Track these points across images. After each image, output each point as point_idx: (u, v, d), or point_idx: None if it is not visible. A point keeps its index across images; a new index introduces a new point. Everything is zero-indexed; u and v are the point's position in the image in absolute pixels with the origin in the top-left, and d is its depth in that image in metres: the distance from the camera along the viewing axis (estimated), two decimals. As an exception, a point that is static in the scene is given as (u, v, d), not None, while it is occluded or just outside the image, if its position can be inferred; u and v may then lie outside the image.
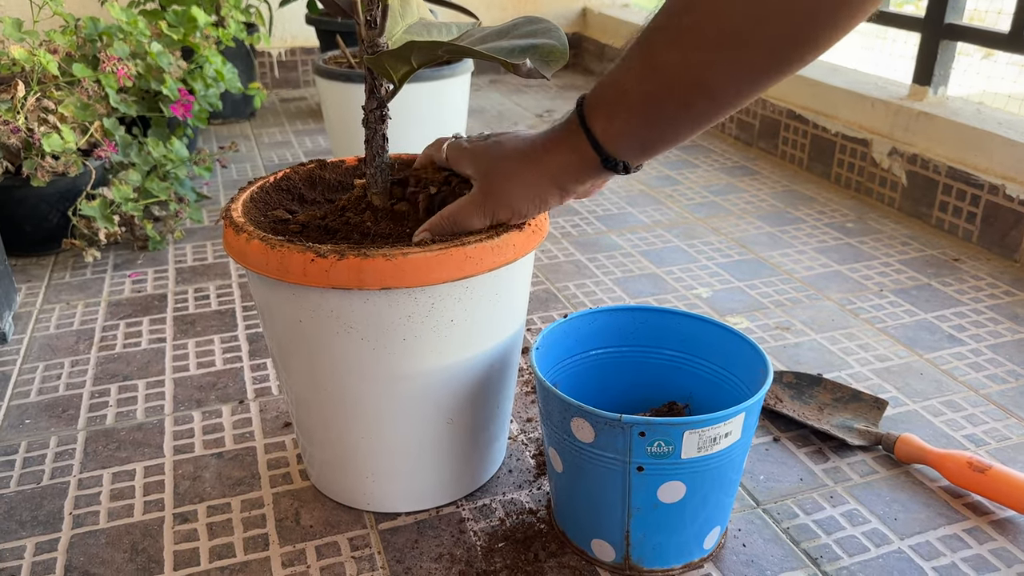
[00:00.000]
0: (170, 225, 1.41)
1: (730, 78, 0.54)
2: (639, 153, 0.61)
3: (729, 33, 0.52)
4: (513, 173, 0.66)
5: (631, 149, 0.61)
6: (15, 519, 0.79)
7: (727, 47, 0.53)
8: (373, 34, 0.68)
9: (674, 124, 0.58)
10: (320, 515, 0.79)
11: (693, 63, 0.54)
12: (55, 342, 1.10)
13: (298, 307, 0.67)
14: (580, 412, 0.65)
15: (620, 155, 0.61)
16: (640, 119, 0.58)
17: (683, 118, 0.57)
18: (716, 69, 0.54)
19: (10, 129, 1.25)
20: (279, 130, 2.10)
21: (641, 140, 0.60)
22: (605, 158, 0.61)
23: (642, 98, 0.57)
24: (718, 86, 0.55)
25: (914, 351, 1.07)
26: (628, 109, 0.59)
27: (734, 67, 0.53)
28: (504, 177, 0.66)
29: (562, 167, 0.64)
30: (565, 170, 0.64)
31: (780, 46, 0.52)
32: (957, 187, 1.43)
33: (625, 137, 0.60)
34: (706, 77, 0.54)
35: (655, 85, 0.56)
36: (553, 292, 1.24)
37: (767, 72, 0.54)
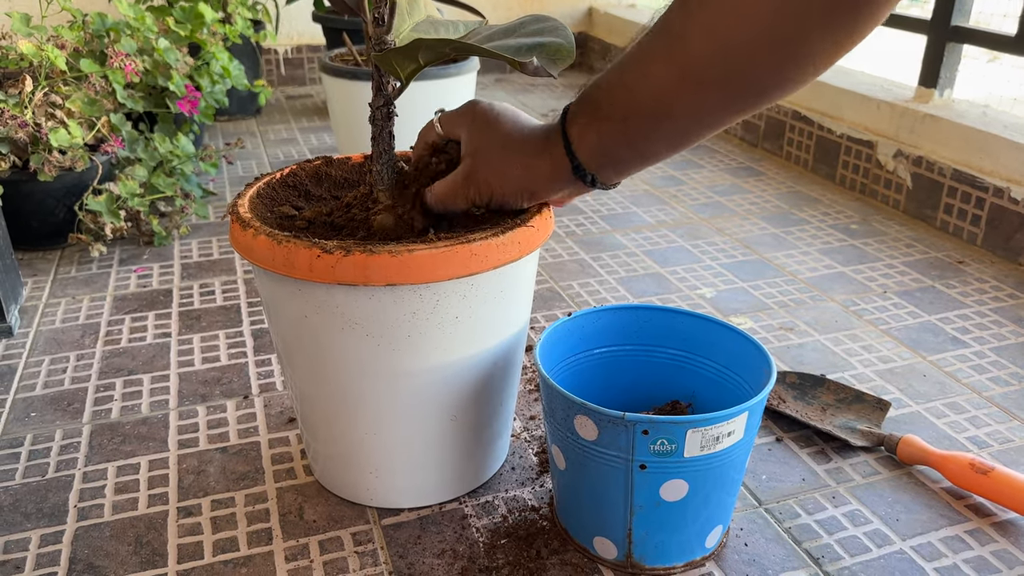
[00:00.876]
0: (176, 221, 1.41)
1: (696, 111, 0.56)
2: (610, 169, 0.63)
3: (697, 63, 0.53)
4: (496, 163, 0.67)
5: (603, 163, 0.62)
6: (20, 511, 0.79)
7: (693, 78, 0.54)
8: (380, 31, 0.68)
9: (644, 145, 0.59)
10: (323, 510, 0.79)
11: (657, 87, 0.56)
12: (61, 336, 1.11)
13: (303, 303, 0.68)
14: (583, 410, 0.66)
15: (592, 167, 0.62)
16: (612, 134, 0.60)
17: (652, 141, 0.59)
18: (684, 101, 0.55)
19: (18, 124, 1.25)
20: (285, 127, 2.10)
21: (612, 155, 0.61)
22: (576, 166, 0.62)
23: (614, 113, 0.59)
24: (683, 116, 0.56)
25: (917, 353, 1.08)
26: (601, 121, 0.60)
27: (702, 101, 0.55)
28: (486, 164, 0.67)
29: (538, 168, 0.65)
30: (540, 172, 0.65)
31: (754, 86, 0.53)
32: (962, 189, 1.43)
33: (597, 149, 0.61)
34: (673, 107, 0.56)
35: (626, 104, 0.58)
36: (557, 291, 1.25)
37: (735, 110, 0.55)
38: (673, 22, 0.54)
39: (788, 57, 0.51)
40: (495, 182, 0.67)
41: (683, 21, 0.53)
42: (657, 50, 0.55)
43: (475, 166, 0.68)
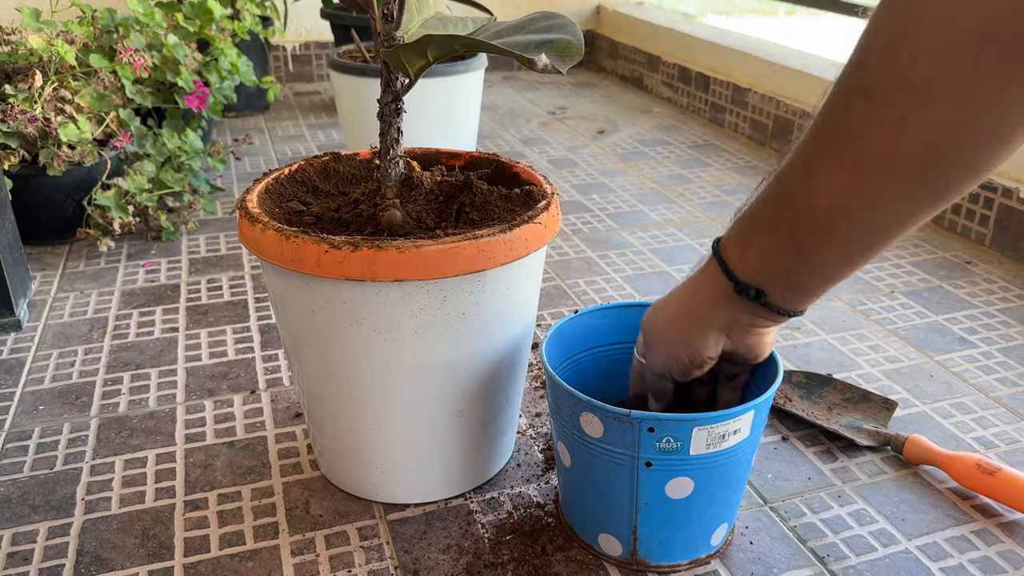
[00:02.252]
0: (184, 216, 1.41)
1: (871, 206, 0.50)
2: (782, 283, 0.58)
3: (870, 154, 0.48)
4: (662, 323, 0.67)
5: (769, 277, 0.58)
6: (28, 503, 0.80)
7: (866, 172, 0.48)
8: (390, 28, 0.68)
9: (815, 253, 0.54)
10: (329, 505, 0.80)
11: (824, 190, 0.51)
12: (69, 330, 1.11)
13: (311, 298, 0.68)
14: (589, 407, 0.66)
15: (754, 281, 0.58)
16: (773, 246, 0.56)
17: (826, 247, 0.53)
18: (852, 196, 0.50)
19: (27, 118, 1.26)
20: (293, 124, 2.11)
21: (778, 269, 0.57)
22: (736, 282, 0.59)
23: (778, 224, 0.55)
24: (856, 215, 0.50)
25: (925, 353, 1.07)
26: (760, 235, 0.56)
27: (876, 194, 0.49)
28: (661, 338, 0.67)
29: (698, 300, 0.63)
30: (701, 302, 0.63)
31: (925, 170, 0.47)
32: (971, 190, 1.42)
33: (760, 264, 0.57)
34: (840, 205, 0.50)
35: (785, 214, 0.54)
36: (563, 288, 1.25)
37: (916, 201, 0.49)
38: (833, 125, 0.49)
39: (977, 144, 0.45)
40: (663, 338, 0.67)
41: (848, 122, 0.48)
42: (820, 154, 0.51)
43: (647, 339, 0.69)
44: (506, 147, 1.92)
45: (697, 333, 0.64)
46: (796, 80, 1.87)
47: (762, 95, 1.95)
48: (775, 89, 1.93)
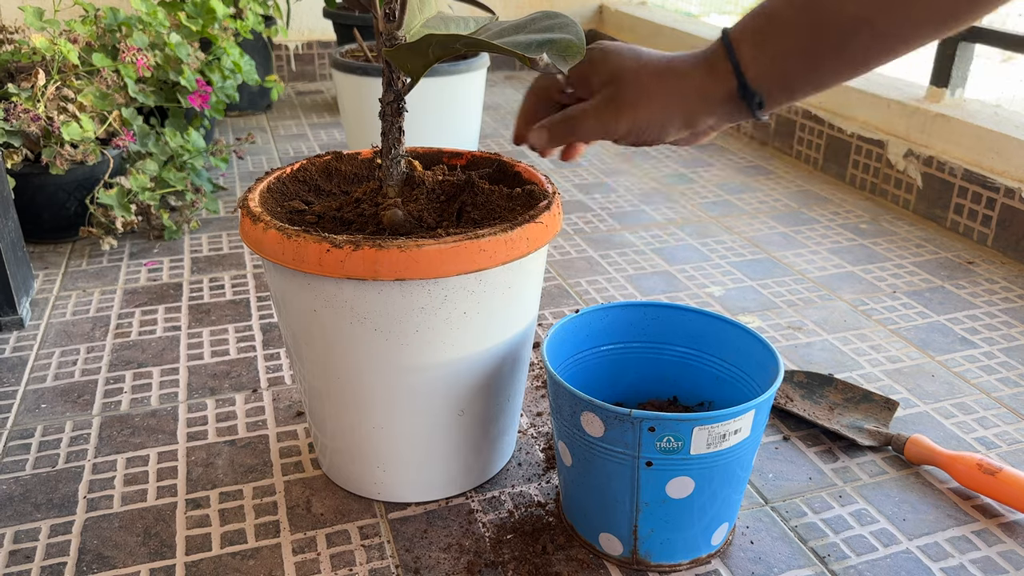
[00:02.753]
0: (186, 215, 1.42)
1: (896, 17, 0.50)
2: (780, 92, 0.57)
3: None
4: (644, 86, 0.61)
5: (774, 82, 0.56)
6: (31, 501, 0.80)
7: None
8: (392, 27, 0.68)
9: (826, 59, 0.54)
10: (331, 503, 0.80)
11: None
12: (71, 328, 1.12)
13: (313, 297, 0.68)
14: (590, 406, 0.66)
15: (761, 86, 0.56)
16: (790, 48, 0.54)
17: (838, 54, 0.53)
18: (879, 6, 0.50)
19: (30, 117, 1.26)
20: (295, 123, 2.11)
21: (786, 73, 0.56)
22: (743, 85, 0.56)
23: (795, 25, 0.53)
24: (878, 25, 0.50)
25: (926, 353, 1.07)
26: (779, 36, 0.54)
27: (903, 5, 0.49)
28: (635, 87, 0.61)
29: (697, 90, 0.59)
30: (699, 94, 0.59)
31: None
32: (973, 190, 1.42)
33: (771, 66, 0.56)
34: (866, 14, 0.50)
35: (809, 16, 0.52)
36: (565, 288, 1.25)
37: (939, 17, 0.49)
38: None
39: None
40: (642, 104, 0.60)
41: None
42: None
43: (618, 89, 0.61)
44: (508, 147, 1.92)
45: (679, 120, 0.61)
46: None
47: (764, 95, 1.94)
48: (777, 89, 1.93)
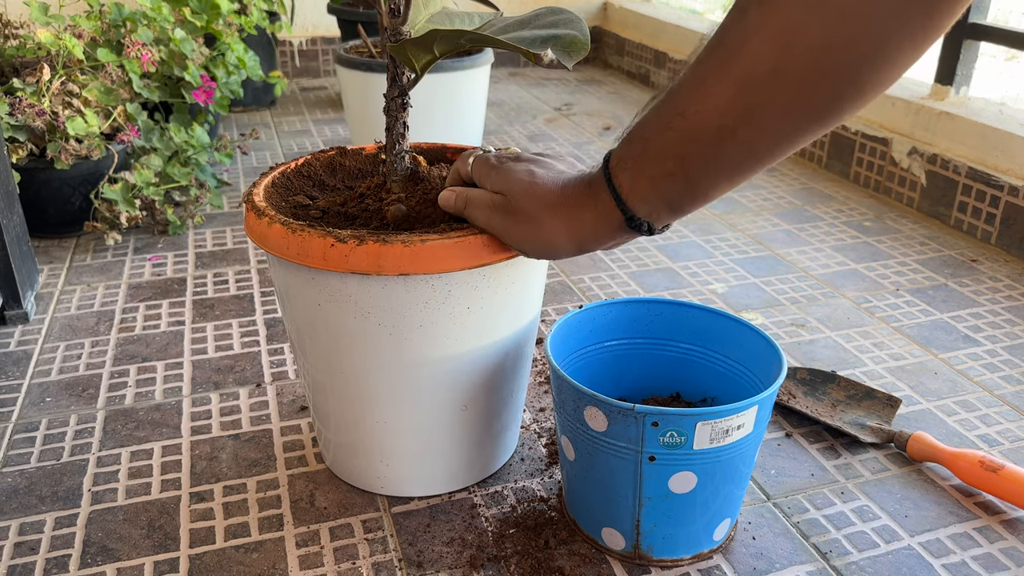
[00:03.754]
0: (190, 210, 1.42)
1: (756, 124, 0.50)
2: (667, 212, 0.57)
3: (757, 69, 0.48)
4: (533, 217, 0.62)
5: (658, 208, 0.57)
6: (35, 494, 0.80)
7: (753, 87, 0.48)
8: (396, 22, 0.69)
9: (703, 176, 0.54)
10: (334, 497, 0.80)
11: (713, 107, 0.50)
12: (76, 323, 1.12)
13: (317, 291, 0.68)
14: (593, 401, 0.66)
15: (646, 215, 0.57)
16: (667, 174, 0.54)
17: (712, 169, 0.53)
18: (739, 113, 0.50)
19: (35, 112, 1.26)
20: (299, 119, 2.11)
21: (668, 198, 0.56)
22: (630, 218, 0.57)
23: (667, 148, 0.53)
24: (745, 130, 0.50)
25: (929, 350, 1.07)
26: (653, 161, 0.55)
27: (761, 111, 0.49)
28: (524, 216, 0.63)
29: (585, 225, 0.60)
30: (588, 229, 0.60)
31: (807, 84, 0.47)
32: (977, 188, 1.42)
33: (651, 192, 0.56)
34: (728, 123, 0.50)
35: (682, 132, 0.52)
36: (568, 284, 1.25)
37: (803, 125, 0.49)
38: (729, 35, 0.49)
39: (863, 59, 0.46)
40: (530, 234, 0.63)
41: (742, 31, 0.48)
42: (712, 67, 0.50)
43: (512, 212, 0.63)
44: (512, 143, 1.92)
45: (570, 249, 0.63)
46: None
47: (768, 92, 1.94)
48: (781, 86, 1.93)
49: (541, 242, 0.63)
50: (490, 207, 0.65)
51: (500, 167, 0.65)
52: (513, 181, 0.64)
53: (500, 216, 0.64)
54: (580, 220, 0.61)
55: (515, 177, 0.64)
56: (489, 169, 0.66)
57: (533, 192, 0.63)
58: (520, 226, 0.64)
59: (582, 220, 0.60)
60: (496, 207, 0.64)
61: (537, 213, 0.62)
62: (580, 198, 0.60)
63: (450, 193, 0.68)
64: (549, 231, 0.62)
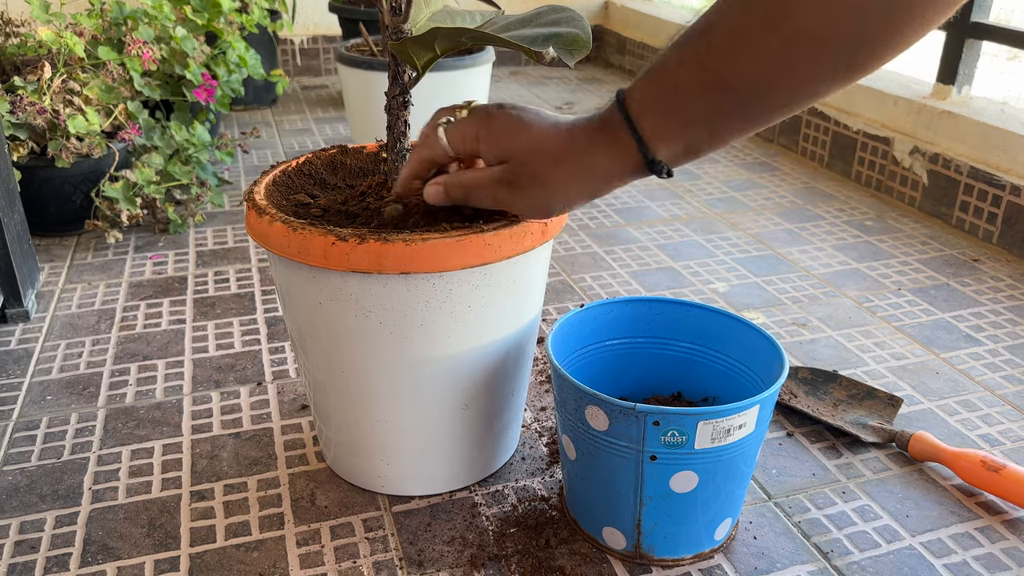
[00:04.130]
0: (191, 209, 1.42)
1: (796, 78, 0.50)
2: (682, 155, 0.56)
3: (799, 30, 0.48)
4: (545, 178, 0.59)
5: (677, 151, 0.56)
6: (36, 492, 0.80)
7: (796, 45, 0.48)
8: (398, 20, 0.68)
9: (727, 124, 0.53)
10: (335, 496, 0.80)
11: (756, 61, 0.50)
12: (77, 321, 1.12)
13: (318, 290, 0.68)
14: (594, 400, 0.66)
15: (666, 157, 0.56)
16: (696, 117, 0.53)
17: (738, 119, 0.53)
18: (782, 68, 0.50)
19: (36, 110, 1.26)
20: (300, 117, 2.11)
21: (688, 140, 0.55)
22: (651, 161, 0.55)
23: (697, 95, 0.52)
24: (781, 86, 0.51)
25: (931, 350, 1.07)
26: (683, 106, 0.53)
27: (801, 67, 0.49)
28: (528, 171, 0.60)
29: (601, 169, 0.58)
30: (604, 172, 0.58)
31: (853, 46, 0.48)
32: (979, 187, 1.42)
33: (678, 136, 0.55)
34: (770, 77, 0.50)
35: (713, 79, 0.51)
36: (569, 283, 1.25)
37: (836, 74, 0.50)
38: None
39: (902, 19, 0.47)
40: (542, 192, 0.59)
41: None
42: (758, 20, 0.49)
43: (512, 174, 0.60)
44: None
45: (582, 198, 0.60)
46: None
47: (770, 91, 1.94)
48: (783, 85, 1.92)
49: (553, 200, 0.60)
50: (495, 184, 0.61)
51: (487, 131, 0.61)
52: (512, 143, 0.60)
53: (507, 190, 0.61)
54: (592, 165, 0.58)
55: (512, 138, 0.60)
56: (474, 138, 0.62)
57: (539, 148, 0.59)
58: (529, 190, 0.60)
59: (594, 165, 0.58)
60: (501, 182, 0.61)
61: (546, 170, 0.59)
62: (592, 142, 0.57)
63: (438, 187, 0.64)
64: (560, 186, 0.59)
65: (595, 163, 0.57)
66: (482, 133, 0.61)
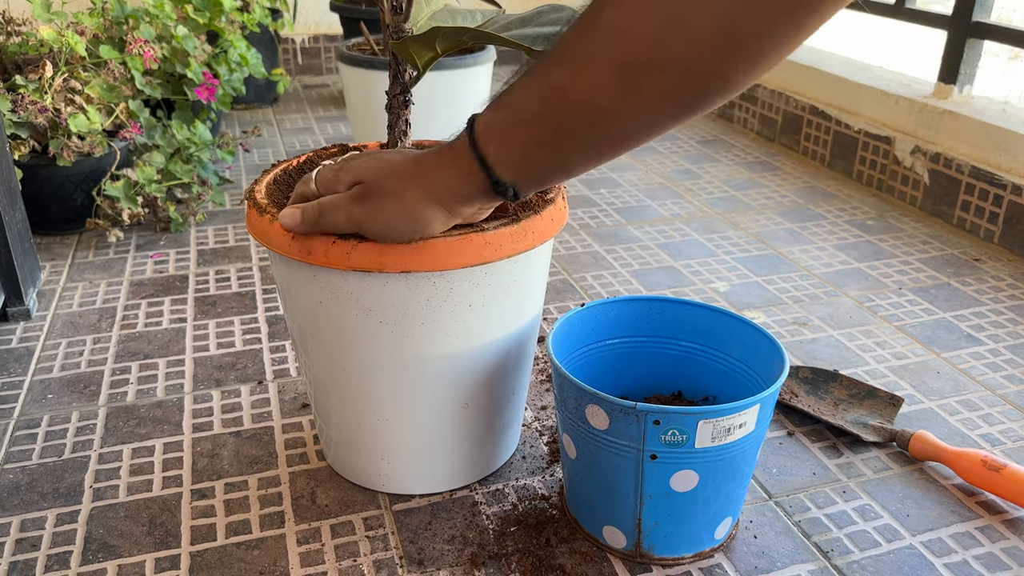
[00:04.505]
0: (192, 207, 1.42)
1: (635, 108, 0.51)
2: (529, 180, 0.58)
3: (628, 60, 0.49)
4: (395, 191, 0.61)
5: (523, 175, 0.57)
6: (37, 491, 0.80)
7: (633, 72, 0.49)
8: (399, 19, 0.68)
9: (570, 153, 0.55)
10: (336, 495, 0.80)
11: (591, 92, 0.51)
12: (78, 320, 1.12)
13: (319, 289, 0.68)
14: (595, 399, 0.66)
15: (511, 179, 0.57)
16: (535, 141, 0.55)
17: (582, 149, 0.54)
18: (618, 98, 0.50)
19: (37, 109, 1.26)
20: (301, 116, 2.11)
21: (534, 166, 0.57)
22: (496, 182, 0.57)
23: (538, 124, 0.54)
24: (621, 117, 0.51)
25: (931, 350, 1.07)
26: (524, 131, 0.55)
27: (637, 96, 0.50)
28: (386, 193, 0.61)
29: (452, 187, 0.60)
30: (455, 191, 0.60)
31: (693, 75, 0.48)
32: (980, 187, 1.42)
33: (519, 160, 0.56)
34: (606, 107, 0.51)
35: (552, 107, 0.53)
36: (570, 283, 1.25)
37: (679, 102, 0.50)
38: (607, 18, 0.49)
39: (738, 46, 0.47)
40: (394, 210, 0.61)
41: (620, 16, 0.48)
42: (590, 49, 0.50)
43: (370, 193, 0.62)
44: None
45: (439, 218, 0.62)
46: (805, 76, 1.86)
47: (771, 91, 1.94)
48: (784, 85, 1.93)
49: (410, 217, 0.61)
50: (348, 201, 0.63)
51: (346, 165, 0.64)
52: (366, 168, 0.63)
53: (360, 206, 0.62)
54: (445, 180, 0.60)
55: (367, 165, 0.63)
56: (336, 171, 0.64)
57: (391, 170, 0.61)
58: (384, 206, 0.61)
59: (447, 180, 0.60)
60: (354, 199, 0.62)
61: (398, 186, 0.61)
62: (441, 161, 0.60)
63: (293, 210, 0.65)
64: (414, 202, 0.61)
65: (445, 180, 0.60)
66: (342, 166, 0.64)
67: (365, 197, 0.62)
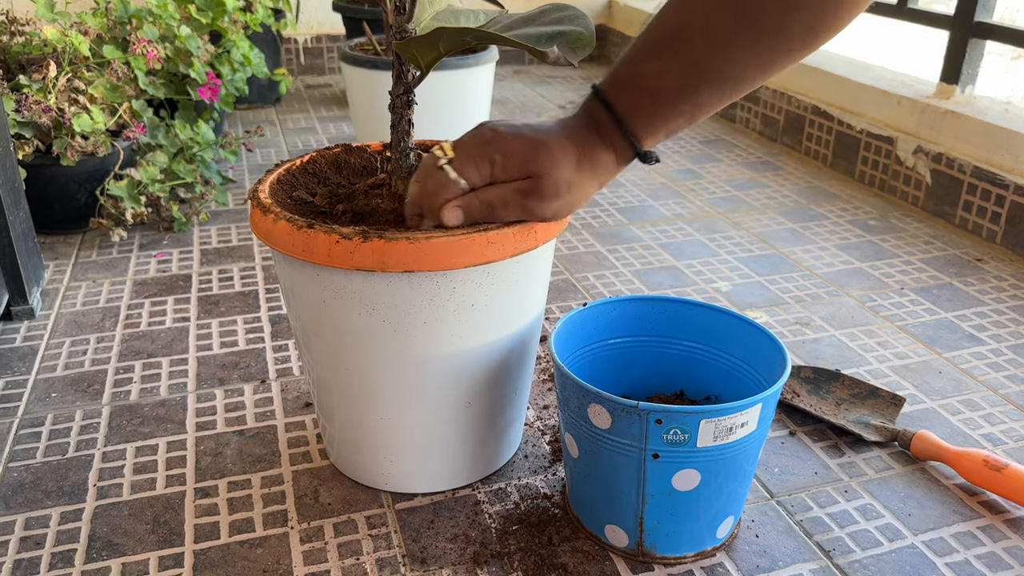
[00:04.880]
0: (195, 207, 1.42)
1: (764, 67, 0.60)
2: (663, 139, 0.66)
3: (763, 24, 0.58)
4: (572, 184, 0.65)
5: (660, 138, 0.66)
6: (41, 489, 0.81)
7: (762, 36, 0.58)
8: (402, 20, 0.69)
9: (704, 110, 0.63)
10: (338, 493, 0.80)
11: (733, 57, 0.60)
12: (81, 319, 1.12)
13: (322, 288, 0.68)
14: (597, 398, 0.66)
15: (651, 146, 0.66)
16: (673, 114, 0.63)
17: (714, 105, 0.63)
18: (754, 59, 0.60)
19: (41, 108, 1.27)
20: (304, 116, 2.11)
21: (670, 130, 0.65)
22: (643, 154, 0.65)
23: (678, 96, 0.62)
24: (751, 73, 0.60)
25: (933, 349, 1.07)
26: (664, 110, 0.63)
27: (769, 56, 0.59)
28: (563, 187, 0.65)
29: (608, 170, 0.66)
30: (609, 172, 0.67)
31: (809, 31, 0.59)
32: (982, 187, 1.42)
33: (659, 131, 0.64)
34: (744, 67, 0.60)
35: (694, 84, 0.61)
36: (572, 282, 1.25)
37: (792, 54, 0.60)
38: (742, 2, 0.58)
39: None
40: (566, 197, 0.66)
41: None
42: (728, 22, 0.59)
43: (540, 186, 0.64)
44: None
45: (596, 189, 0.68)
46: (807, 76, 1.86)
47: (773, 90, 1.94)
48: (786, 85, 1.93)
49: (576, 201, 0.67)
50: (523, 197, 0.65)
51: (503, 155, 0.64)
52: (534, 159, 0.64)
53: (535, 200, 0.65)
54: (604, 165, 0.66)
55: (532, 155, 0.64)
56: (489, 165, 0.65)
57: (561, 159, 0.65)
58: (566, 199, 0.66)
59: (606, 164, 0.66)
60: (530, 194, 0.65)
61: (573, 176, 0.65)
62: (596, 146, 0.65)
63: (456, 210, 0.65)
64: (581, 187, 0.66)
65: (603, 162, 0.66)
66: (498, 159, 0.65)
67: (540, 192, 0.65)
